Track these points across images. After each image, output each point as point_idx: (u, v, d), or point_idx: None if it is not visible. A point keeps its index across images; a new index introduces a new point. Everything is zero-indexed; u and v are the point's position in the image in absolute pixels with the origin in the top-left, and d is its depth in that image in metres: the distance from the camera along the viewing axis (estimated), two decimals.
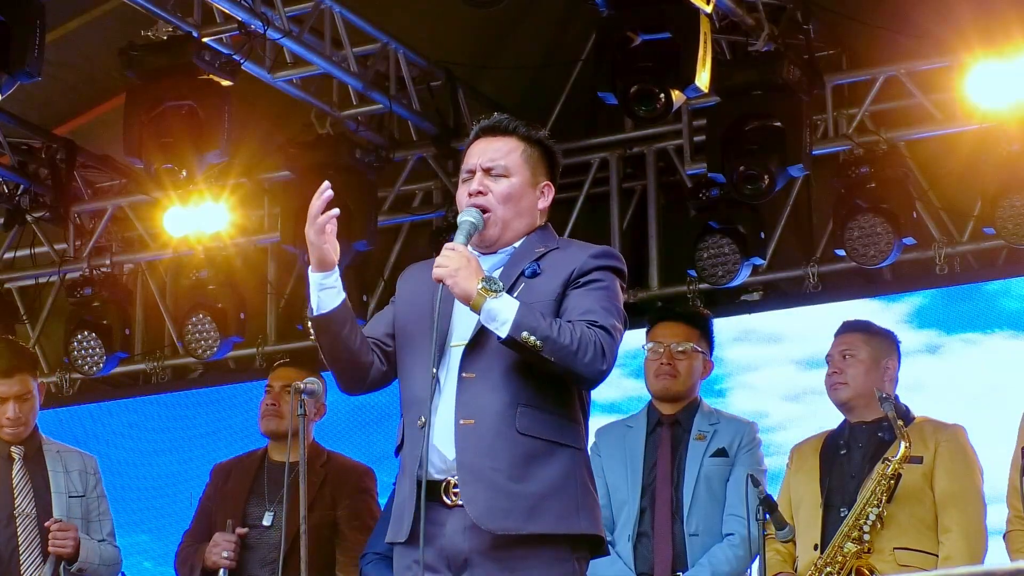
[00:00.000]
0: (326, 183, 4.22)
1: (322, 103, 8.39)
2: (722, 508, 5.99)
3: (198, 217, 8.95)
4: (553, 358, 4.03)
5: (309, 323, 4.30)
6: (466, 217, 4.24)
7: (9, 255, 9.64)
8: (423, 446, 4.12)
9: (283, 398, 6.65)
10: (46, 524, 6.29)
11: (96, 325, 9.20)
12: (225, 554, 6.44)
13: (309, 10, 7.81)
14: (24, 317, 9.72)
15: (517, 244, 4.30)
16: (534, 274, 4.20)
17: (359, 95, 8.39)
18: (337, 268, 4.24)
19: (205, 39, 7.60)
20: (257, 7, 7.46)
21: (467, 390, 4.13)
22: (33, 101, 8.51)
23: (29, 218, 9.25)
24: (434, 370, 4.14)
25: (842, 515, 5.81)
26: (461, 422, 4.11)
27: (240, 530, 6.47)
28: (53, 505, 6.38)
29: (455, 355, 4.17)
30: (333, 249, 4.21)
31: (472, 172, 4.34)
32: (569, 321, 4.10)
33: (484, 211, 4.27)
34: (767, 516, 5.67)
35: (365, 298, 9.05)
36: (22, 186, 9.16)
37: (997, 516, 5.91)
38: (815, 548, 5.86)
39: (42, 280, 9.68)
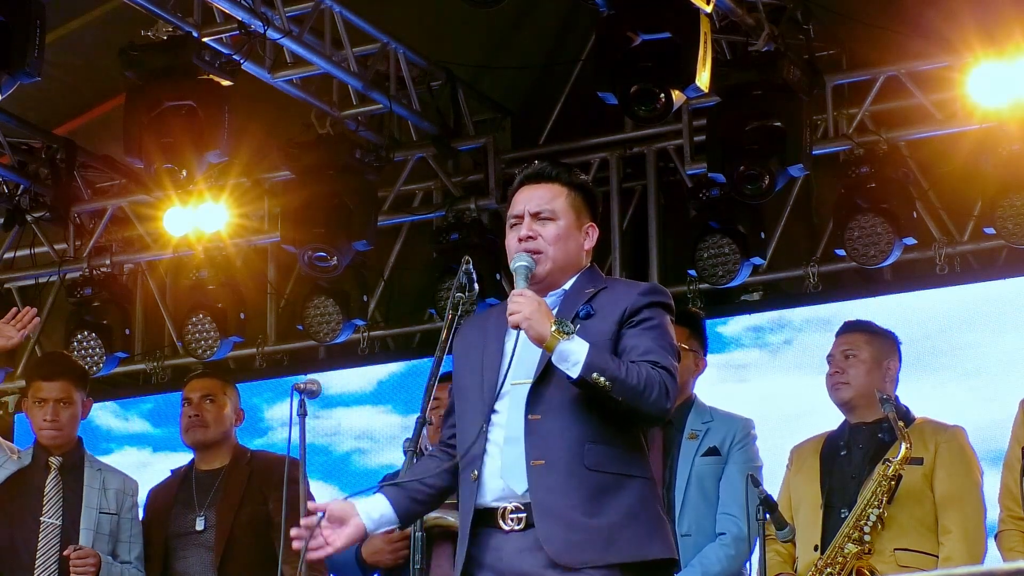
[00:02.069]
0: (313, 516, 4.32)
1: (322, 103, 8.39)
2: (715, 507, 5.96)
3: (198, 217, 8.95)
4: (621, 397, 4.17)
5: None
6: (520, 263, 4.37)
7: (9, 255, 9.64)
8: (474, 497, 4.28)
9: (203, 408, 6.74)
10: (65, 553, 6.31)
11: (96, 325, 9.20)
12: None
13: (309, 10, 7.80)
14: None
15: (567, 286, 4.43)
16: (588, 315, 4.32)
17: (359, 95, 8.39)
18: (361, 515, 4.31)
19: (205, 39, 7.60)
20: (257, 7, 7.46)
21: (535, 431, 4.25)
22: (33, 101, 8.50)
23: (29, 218, 9.26)
24: (484, 425, 4.28)
25: (842, 516, 5.81)
26: (532, 463, 4.22)
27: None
28: (82, 518, 6.42)
29: (517, 393, 4.29)
30: (347, 531, 4.29)
31: (519, 218, 4.45)
32: (633, 362, 4.23)
33: (535, 253, 4.39)
34: (767, 516, 5.66)
35: (365, 298, 9.05)
36: (22, 186, 9.16)
37: None
38: (815, 549, 5.85)
39: (42, 280, 9.68)
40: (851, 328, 6.15)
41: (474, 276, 4.57)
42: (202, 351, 9.08)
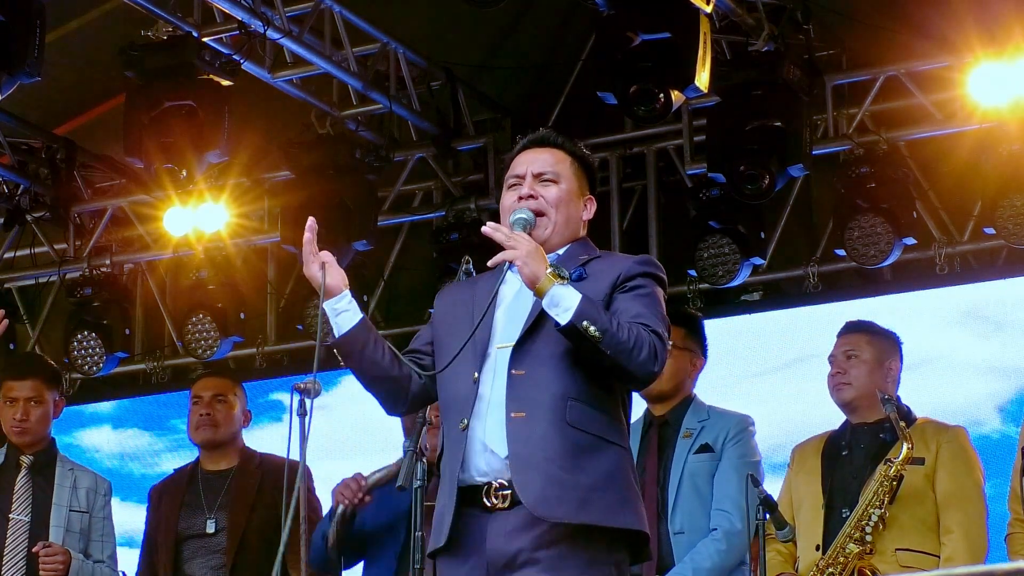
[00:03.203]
0: (311, 221, 4.35)
1: (322, 103, 8.39)
2: (709, 505, 5.94)
3: (198, 217, 8.95)
4: (609, 351, 4.09)
5: (336, 351, 4.43)
6: (520, 215, 4.29)
7: (9, 255, 9.64)
8: (463, 449, 4.17)
9: (214, 407, 6.72)
10: (34, 550, 6.31)
11: (96, 325, 9.20)
12: None
13: (309, 10, 7.80)
14: (24, 317, 9.71)
15: (560, 252, 4.35)
16: (580, 278, 4.24)
17: (359, 95, 8.39)
18: (348, 291, 4.35)
19: (205, 39, 7.61)
20: (257, 7, 7.46)
21: (517, 386, 4.16)
22: (33, 101, 8.51)
23: (29, 218, 9.26)
24: (476, 374, 4.20)
25: (844, 516, 5.81)
26: (512, 415, 4.14)
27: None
28: (51, 515, 6.41)
29: (501, 356, 4.21)
30: (335, 275, 4.33)
31: (520, 177, 4.38)
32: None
33: (538, 214, 4.32)
34: (767, 516, 5.66)
35: (365, 298, 9.04)
36: (22, 186, 9.17)
37: None
38: (816, 549, 5.85)
39: (42, 280, 9.68)
40: (853, 328, 6.14)
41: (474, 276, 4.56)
42: (202, 351, 9.08)
